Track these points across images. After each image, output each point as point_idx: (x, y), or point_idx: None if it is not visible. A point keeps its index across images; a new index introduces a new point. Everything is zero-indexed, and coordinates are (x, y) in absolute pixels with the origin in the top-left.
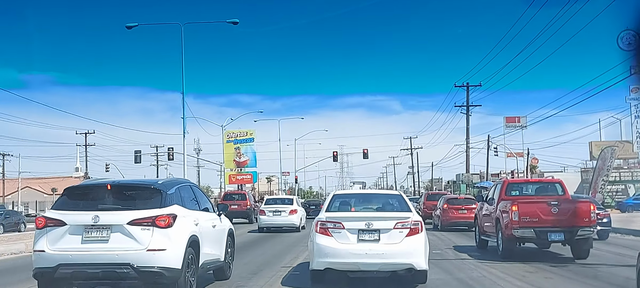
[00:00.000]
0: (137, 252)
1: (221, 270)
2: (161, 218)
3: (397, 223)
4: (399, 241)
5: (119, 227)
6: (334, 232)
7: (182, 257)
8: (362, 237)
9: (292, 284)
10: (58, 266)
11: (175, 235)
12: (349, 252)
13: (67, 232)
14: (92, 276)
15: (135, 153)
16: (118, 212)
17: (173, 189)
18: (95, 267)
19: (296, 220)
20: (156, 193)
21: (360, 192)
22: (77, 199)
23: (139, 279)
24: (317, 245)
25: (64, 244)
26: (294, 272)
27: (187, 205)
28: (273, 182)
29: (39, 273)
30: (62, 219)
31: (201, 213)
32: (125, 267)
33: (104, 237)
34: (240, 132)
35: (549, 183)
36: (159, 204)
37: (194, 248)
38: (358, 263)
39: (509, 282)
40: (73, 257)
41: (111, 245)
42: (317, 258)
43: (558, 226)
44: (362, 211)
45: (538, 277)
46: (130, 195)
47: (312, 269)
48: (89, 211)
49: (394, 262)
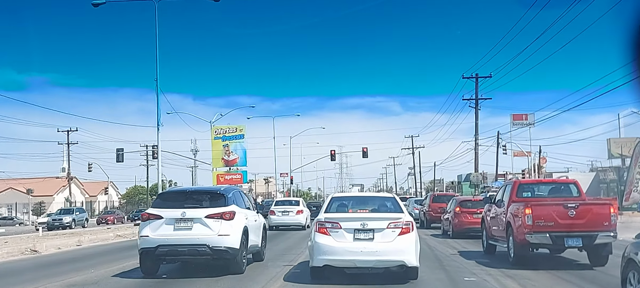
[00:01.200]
0: (211, 236)
1: (258, 253)
2: (226, 213)
3: (389, 224)
4: (392, 240)
5: (199, 219)
6: (332, 231)
7: (240, 240)
8: (358, 236)
9: (295, 280)
10: (157, 246)
11: (235, 225)
12: (346, 250)
13: (164, 223)
14: (180, 253)
15: (117, 151)
16: (198, 209)
17: (231, 194)
18: (183, 247)
19: (302, 220)
20: (222, 196)
21: (357, 194)
22: (168, 200)
23: (212, 255)
24: (317, 243)
25: (161, 231)
26: (295, 270)
27: (240, 204)
28: (271, 183)
29: (144, 251)
30: (159, 214)
31: (248, 211)
32: (204, 246)
33: (189, 226)
34: (229, 128)
35: (564, 184)
36: (224, 204)
37: (245, 235)
38: (354, 261)
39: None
40: (168, 240)
41: (194, 232)
42: (317, 255)
43: (575, 230)
44: (358, 212)
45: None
46: (204, 197)
47: (312, 266)
48: (178, 208)
49: (387, 259)
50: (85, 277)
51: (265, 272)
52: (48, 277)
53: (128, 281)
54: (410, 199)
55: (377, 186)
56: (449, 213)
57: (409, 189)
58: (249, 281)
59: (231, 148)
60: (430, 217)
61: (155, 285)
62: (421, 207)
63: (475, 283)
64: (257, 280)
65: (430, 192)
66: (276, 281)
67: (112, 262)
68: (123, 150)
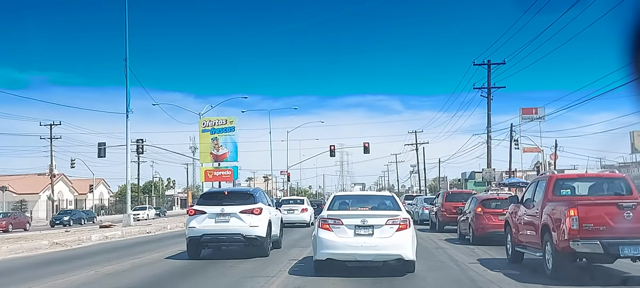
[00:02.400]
0: (244, 227)
1: (277, 242)
2: (256, 209)
3: (388, 220)
4: (390, 235)
5: (235, 214)
6: (334, 227)
7: (266, 230)
8: (358, 232)
9: (309, 263)
10: (203, 235)
11: (262, 218)
12: (347, 245)
13: (207, 217)
14: (220, 240)
15: (98, 146)
16: (233, 206)
17: (258, 194)
18: (222, 235)
19: (307, 217)
20: (251, 196)
21: (358, 193)
22: (210, 199)
23: (245, 242)
24: (320, 238)
25: (205, 223)
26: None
27: (264, 202)
28: (270, 181)
29: (191, 239)
30: (203, 210)
31: (270, 207)
32: (238, 235)
33: (227, 220)
34: (219, 120)
35: (611, 179)
36: (253, 202)
37: (269, 227)
38: (355, 254)
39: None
40: (210, 230)
41: (231, 224)
42: (320, 250)
43: (633, 237)
44: (358, 210)
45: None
46: (238, 196)
47: (316, 260)
48: (218, 205)
49: (385, 253)
50: (142, 259)
51: (283, 256)
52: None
53: (178, 262)
54: (418, 198)
55: (378, 184)
56: (469, 214)
57: (411, 187)
58: (272, 263)
59: (220, 142)
60: (444, 218)
61: (200, 265)
62: (432, 207)
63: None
64: (278, 262)
65: (443, 190)
66: (293, 262)
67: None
68: (105, 144)
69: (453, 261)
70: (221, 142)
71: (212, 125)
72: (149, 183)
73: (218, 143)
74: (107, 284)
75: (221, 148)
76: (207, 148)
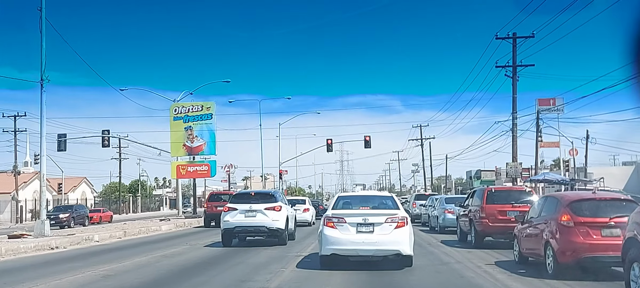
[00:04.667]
0: (268, 221)
1: (292, 234)
2: (277, 207)
3: (387, 218)
4: (389, 232)
5: (260, 211)
6: (338, 225)
7: (285, 224)
8: (360, 229)
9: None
10: (235, 227)
11: (282, 214)
12: (350, 241)
13: (238, 212)
14: (249, 231)
15: (58, 138)
16: (259, 204)
17: (278, 194)
18: (250, 227)
19: (309, 217)
20: (273, 196)
21: (360, 193)
22: (240, 198)
23: (268, 233)
24: (325, 235)
25: (237, 218)
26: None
27: (283, 202)
28: (268, 180)
29: (226, 230)
30: (235, 207)
31: (287, 206)
32: (263, 227)
33: (254, 215)
34: (193, 106)
35: None
36: (274, 201)
37: (286, 221)
38: (357, 250)
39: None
40: (241, 223)
41: (257, 219)
42: (325, 246)
43: None
44: (360, 209)
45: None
46: (262, 196)
47: (321, 255)
48: (247, 203)
49: (385, 248)
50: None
51: (297, 245)
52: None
53: (214, 248)
54: (435, 198)
55: (378, 183)
56: (543, 225)
57: (413, 187)
58: (290, 250)
59: (195, 132)
60: (486, 226)
61: (233, 251)
62: (462, 210)
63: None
64: (294, 249)
65: (482, 187)
66: (306, 249)
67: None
68: (66, 136)
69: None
70: (196, 131)
71: (186, 112)
72: (135, 182)
73: (192, 133)
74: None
75: (196, 139)
76: (179, 139)
